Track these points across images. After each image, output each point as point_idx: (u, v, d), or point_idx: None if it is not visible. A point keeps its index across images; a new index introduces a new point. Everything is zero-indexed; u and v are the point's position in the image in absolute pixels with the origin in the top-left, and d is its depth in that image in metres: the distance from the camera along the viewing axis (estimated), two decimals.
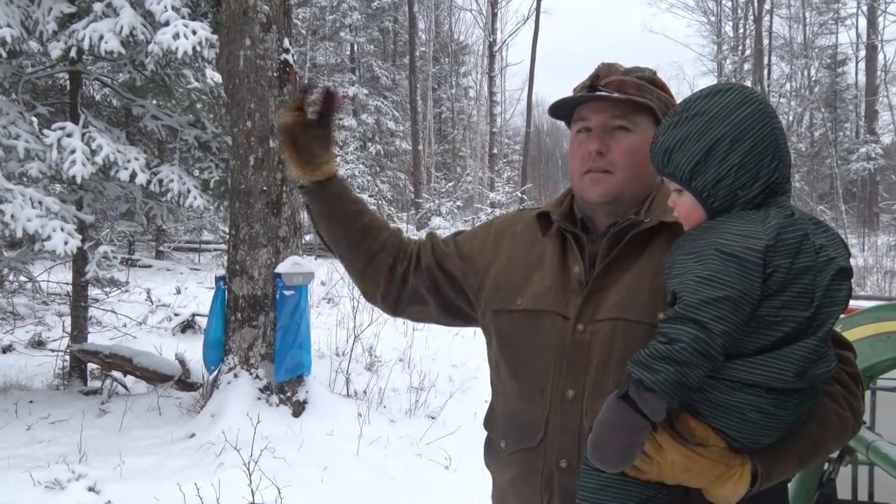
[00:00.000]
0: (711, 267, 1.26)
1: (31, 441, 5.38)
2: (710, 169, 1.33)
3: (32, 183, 5.99)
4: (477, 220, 21.06)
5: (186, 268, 16.35)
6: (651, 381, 1.23)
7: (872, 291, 13.64)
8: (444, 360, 7.93)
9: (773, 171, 1.33)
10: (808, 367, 1.28)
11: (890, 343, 2.33)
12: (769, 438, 1.33)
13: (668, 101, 1.55)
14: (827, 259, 1.30)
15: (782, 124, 1.40)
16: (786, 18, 36.27)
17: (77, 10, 6.21)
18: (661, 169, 1.40)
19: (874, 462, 2.22)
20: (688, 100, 1.40)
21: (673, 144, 1.37)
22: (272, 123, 5.81)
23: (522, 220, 1.73)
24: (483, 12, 35.11)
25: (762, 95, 1.39)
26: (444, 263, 1.75)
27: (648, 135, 1.49)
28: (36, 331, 8.72)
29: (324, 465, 4.82)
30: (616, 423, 1.26)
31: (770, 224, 1.28)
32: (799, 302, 1.27)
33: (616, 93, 1.50)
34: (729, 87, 1.38)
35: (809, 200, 30.04)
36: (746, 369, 1.28)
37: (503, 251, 1.69)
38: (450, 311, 1.79)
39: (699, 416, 1.32)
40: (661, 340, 1.26)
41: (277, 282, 5.75)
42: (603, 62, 1.59)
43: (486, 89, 34.56)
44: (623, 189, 1.53)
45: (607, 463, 1.28)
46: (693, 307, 1.25)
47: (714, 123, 1.33)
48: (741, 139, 1.32)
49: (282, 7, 5.93)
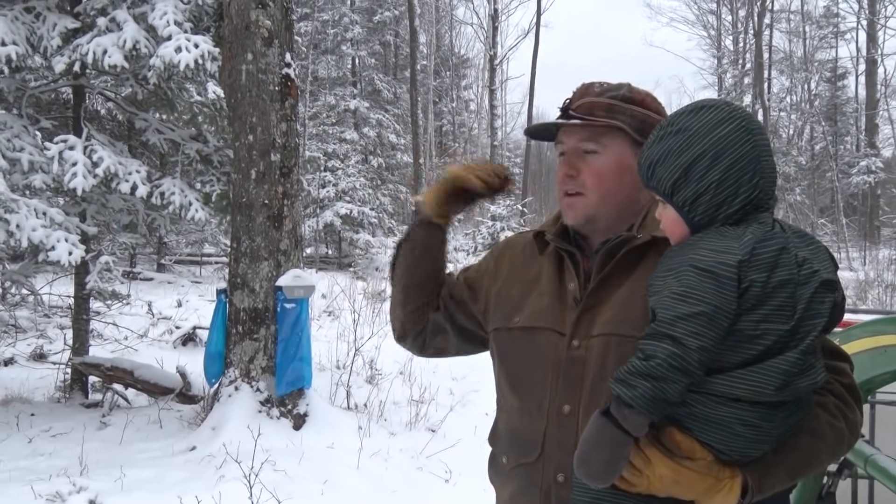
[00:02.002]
0: (686, 283, 1.28)
1: (33, 454, 5.38)
2: (690, 185, 1.36)
3: (36, 195, 6.02)
4: (478, 234, 21.07)
5: (188, 280, 16.34)
6: (629, 397, 1.25)
7: (874, 305, 13.62)
8: (444, 374, 7.93)
9: (753, 187, 1.35)
10: (790, 380, 1.29)
11: (888, 356, 2.34)
12: (757, 451, 1.33)
13: (644, 118, 1.55)
14: (810, 272, 1.31)
15: (768, 140, 1.41)
16: (785, 33, 36.48)
17: (81, 25, 6.25)
18: (647, 183, 1.43)
19: (873, 476, 2.23)
20: (673, 115, 1.43)
21: (656, 159, 1.39)
22: (274, 137, 5.84)
23: (521, 240, 1.77)
24: (484, 26, 35.31)
25: (746, 112, 1.40)
26: (455, 293, 1.82)
27: (620, 155, 1.54)
28: (37, 343, 8.71)
29: (324, 478, 4.82)
30: (599, 439, 1.28)
31: (745, 239, 1.30)
32: (778, 315, 1.28)
33: (584, 116, 1.53)
34: (713, 103, 1.40)
35: (810, 214, 30.08)
36: (728, 383, 1.29)
37: (503, 272, 1.74)
38: (467, 338, 1.84)
39: (686, 429, 1.33)
40: (639, 357, 1.28)
41: (278, 295, 5.76)
42: (582, 83, 1.62)
43: (486, 102, 34.66)
44: (595, 210, 1.56)
45: (592, 478, 1.30)
46: (668, 323, 1.27)
47: (695, 140, 1.36)
48: (721, 156, 1.34)
49: (283, 22, 5.98)
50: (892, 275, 17.57)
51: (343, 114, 27.00)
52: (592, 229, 1.58)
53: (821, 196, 34.18)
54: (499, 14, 33.53)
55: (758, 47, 31.38)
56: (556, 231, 1.64)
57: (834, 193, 31.20)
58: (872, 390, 2.62)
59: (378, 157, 27.60)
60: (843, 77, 36.27)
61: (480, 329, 1.79)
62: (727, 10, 38.01)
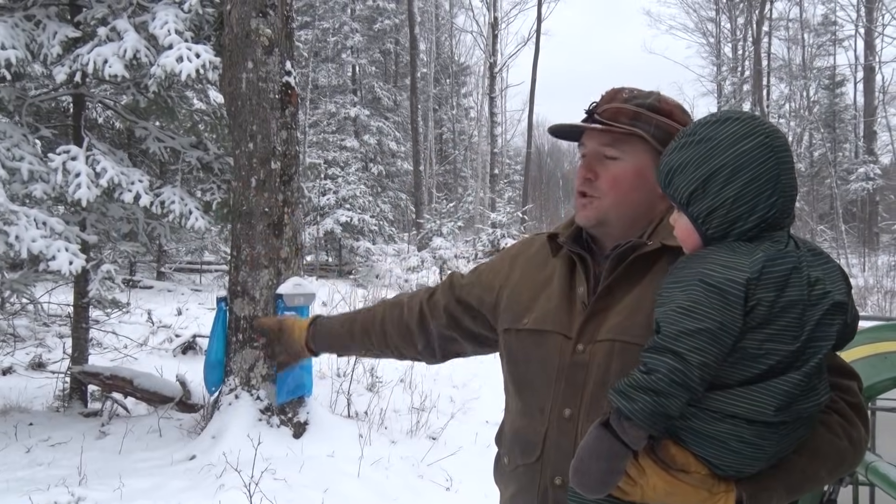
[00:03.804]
0: (692, 297, 1.27)
1: (31, 463, 5.36)
2: (707, 198, 1.34)
3: (36, 204, 6.02)
4: (478, 241, 21.06)
5: (188, 289, 16.34)
6: (629, 410, 1.25)
7: (873, 311, 13.62)
8: (445, 381, 7.92)
9: (770, 206, 1.32)
10: (791, 401, 1.28)
11: (888, 363, 2.34)
12: (753, 468, 1.32)
13: (669, 128, 1.54)
14: (822, 293, 1.30)
15: (791, 158, 1.36)
16: (784, 40, 36.56)
17: (82, 34, 6.27)
18: (664, 189, 1.42)
19: (873, 483, 2.22)
20: (696, 123, 1.41)
21: (675, 167, 1.38)
22: (274, 145, 5.85)
23: (536, 242, 1.79)
24: (483, 34, 35.37)
25: (772, 127, 1.36)
26: (463, 296, 1.85)
27: (640, 162, 1.53)
28: (36, 353, 8.69)
29: (325, 487, 4.80)
30: (597, 450, 1.28)
31: (756, 257, 1.28)
32: (785, 336, 1.27)
33: (607, 121, 1.53)
34: (737, 116, 1.37)
35: (810, 220, 30.08)
36: (727, 400, 1.28)
37: (516, 273, 1.75)
38: (476, 341, 1.88)
39: (682, 442, 1.32)
40: (641, 370, 1.27)
41: (279, 303, 5.76)
42: (612, 87, 1.62)
43: (486, 110, 34.72)
44: (608, 214, 1.56)
45: (587, 488, 1.30)
46: (671, 338, 1.26)
47: (716, 152, 1.33)
48: (740, 171, 1.32)
49: (284, 30, 5.99)
50: (891, 281, 17.57)
51: (343, 121, 27.08)
52: (604, 233, 1.58)
53: (820, 202, 34.21)
54: (498, 22, 33.61)
55: (756, 54, 31.46)
56: (570, 234, 1.65)
57: (833, 200, 31.23)
58: (873, 397, 2.62)
59: (378, 165, 27.66)
60: (842, 84, 36.37)
61: (490, 331, 1.81)
62: (726, 18, 38.14)
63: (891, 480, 2.09)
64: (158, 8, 6.22)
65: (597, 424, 1.30)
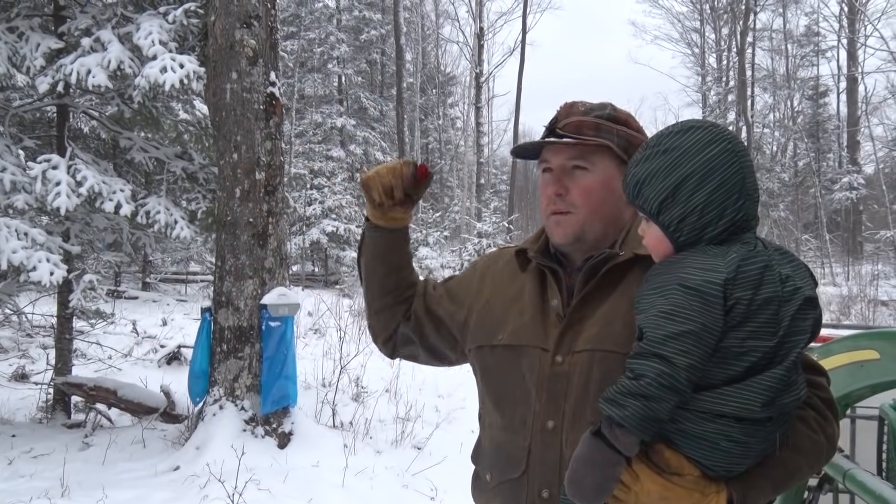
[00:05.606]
0: (673, 301, 1.29)
1: (13, 475, 5.31)
2: (678, 206, 1.37)
3: (18, 215, 5.98)
4: (464, 251, 21.07)
5: (173, 299, 16.25)
6: (620, 417, 1.26)
7: (857, 320, 13.73)
8: (430, 391, 7.92)
9: (738, 209, 1.36)
10: (775, 396, 1.31)
11: (864, 372, 2.37)
12: (741, 466, 1.35)
13: (629, 137, 1.57)
14: (793, 289, 1.33)
15: (752, 161, 1.42)
16: (768, 51, 36.95)
17: (65, 45, 6.25)
18: (632, 201, 1.44)
19: (851, 490, 2.25)
20: (660, 134, 1.43)
21: (643, 178, 1.40)
22: (258, 156, 5.85)
23: (503, 257, 1.78)
24: (469, 44, 35.55)
25: (732, 133, 1.41)
26: (433, 308, 1.82)
27: (607, 173, 1.55)
28: (19, 363, 8.62)
29: (309, 497, 4.79)
30: (590, 459, 1.29)
31: (730, 258, 1.31)
32: (764, 332, 1.30)
33: (572, 135, 1.55)
34: (699, 124, 1.40)
35: (794, 230, 30.30)
36: (715, 400, 1.30)
37: (486, 289, 1.74)
38: (433, 354, 1.86)
39: (674, 445, 1.34)
40: (629, 376, 1.29)
41: (263, 313, 5.75)
42: (565, 102, 1.63)
43: (472, 120, 34.84)
44: (584, 228, 1.57)
45: (584, 498, 1.31)
46: (656, 342, 1.28)
47: (683, 161, 1.36)
48: (708, 177, 1.35)
49: (268, 41, 6.00)
50: (874, 290, 17.72)
51: (329, 131, 27.04)
52: (578, 247, 1.59)
53: (804, 212, 34.46)
54: (484, 32, 33.80)
55: (741, 65, 31.75)
56: (539, 248, 1.65)
57: (817, 209, 31.47)
58: (851, 405, 2.64)
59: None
60: (825, 95, 36.73)
61: (450, 348, 1.81)
62: (711, 29, 38.44)
63: (867, 487, 2.11)
64: (143, 19, 6.23)
65: (588, 434, 1.31)
